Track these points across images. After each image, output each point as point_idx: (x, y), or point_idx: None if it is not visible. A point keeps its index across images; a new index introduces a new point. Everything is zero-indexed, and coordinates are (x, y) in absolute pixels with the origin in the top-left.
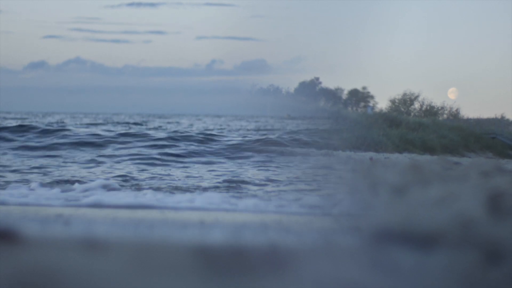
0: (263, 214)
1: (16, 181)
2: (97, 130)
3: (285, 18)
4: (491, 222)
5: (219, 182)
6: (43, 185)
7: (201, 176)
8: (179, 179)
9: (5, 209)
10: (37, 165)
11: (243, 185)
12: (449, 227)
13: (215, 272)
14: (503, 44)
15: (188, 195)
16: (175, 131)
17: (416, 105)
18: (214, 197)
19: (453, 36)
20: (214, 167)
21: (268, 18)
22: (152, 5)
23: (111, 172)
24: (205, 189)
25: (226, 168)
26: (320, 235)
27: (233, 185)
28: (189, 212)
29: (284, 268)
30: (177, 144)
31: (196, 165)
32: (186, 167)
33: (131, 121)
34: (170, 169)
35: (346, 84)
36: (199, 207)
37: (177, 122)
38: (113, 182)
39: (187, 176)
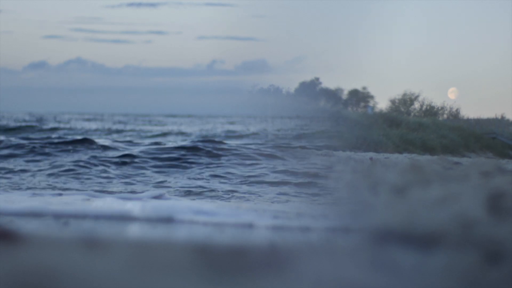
0: (262, 213)
1: None
2: None
3: (285, 18)
4: (492, 222)
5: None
6: None
7: None
8: None
9: None
10: None
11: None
12: (450, 227)
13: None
14: (503, 43)
15: None
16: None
17: (416, 105)
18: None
19: (453, 35)
20: None
21: (269, 18)
22: (152, 5)
23: None
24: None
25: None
26: (320, 235)
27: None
28: None
29: (284, 268)
30: None
31: None
32: None
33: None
34: None
35: (346, 84)
36: None
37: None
38: None
39: None
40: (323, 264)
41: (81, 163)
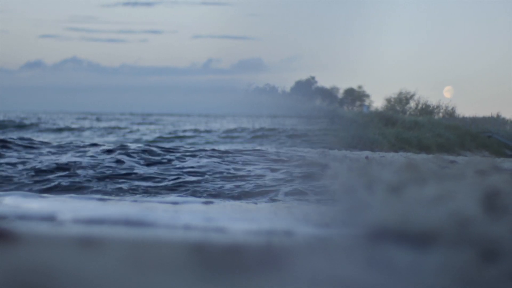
0: (256, 212)
1: None
2: None
3: (281, 16)
4: (487, 221)
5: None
6: None
7: None
8: None
9: None
10: None
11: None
12: (445, 226)
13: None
14: (499, 42)
15: None
16: None
17: (412, 104)
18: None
19: (449, 34)
20: None
21: (264, 17)
22: (148, 4)
23: None
24: None
25: None
26: (315, 234)
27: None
28: None
29: (279, 266)
30: None
31: None
32: None
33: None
34: None
35: (342, 83)
36: None
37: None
38: None
39: None
40: (319, 263)
41: None
